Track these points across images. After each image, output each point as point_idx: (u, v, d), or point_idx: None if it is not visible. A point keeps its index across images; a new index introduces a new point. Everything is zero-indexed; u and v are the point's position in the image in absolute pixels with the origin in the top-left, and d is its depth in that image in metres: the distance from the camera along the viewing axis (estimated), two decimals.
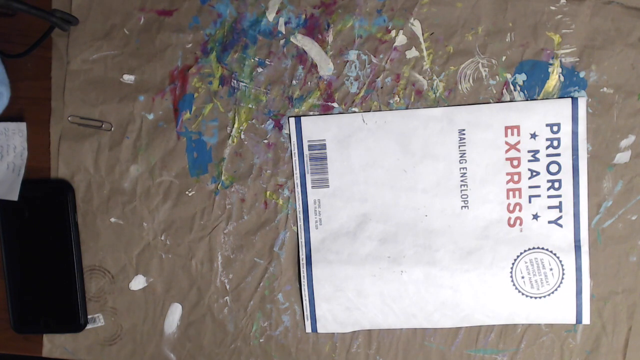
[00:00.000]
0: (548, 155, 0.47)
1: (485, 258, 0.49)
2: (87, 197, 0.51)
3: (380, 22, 0.48)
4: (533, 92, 0.47)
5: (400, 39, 0.48)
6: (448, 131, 0.48)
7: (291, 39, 0.48)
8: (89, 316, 0.52)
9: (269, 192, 0.50)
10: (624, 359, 0.49)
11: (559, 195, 0.48)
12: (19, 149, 0.51)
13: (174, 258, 0.51)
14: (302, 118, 0.49)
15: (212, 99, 0.50)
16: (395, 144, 0.49)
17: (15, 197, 0.50)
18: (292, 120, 0.49)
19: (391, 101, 0.48)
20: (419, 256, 0.49)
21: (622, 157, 0.47)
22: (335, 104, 0.49)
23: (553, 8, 0.46)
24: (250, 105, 0.49)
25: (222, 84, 0.49)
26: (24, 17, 0.50)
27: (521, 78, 0.47)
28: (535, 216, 0.48)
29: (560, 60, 0.47)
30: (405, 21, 0.47)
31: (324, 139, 0.49)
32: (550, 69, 0.47)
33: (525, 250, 0.49)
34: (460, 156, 0.48)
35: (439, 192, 0.49)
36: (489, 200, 0.48)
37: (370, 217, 0.50)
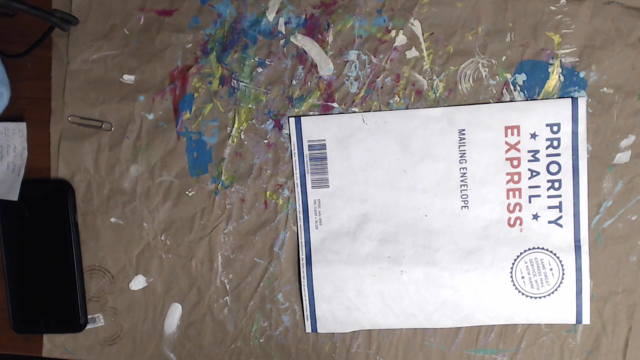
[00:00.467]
0: (548, 155, 0.47)
1: (485, 258, 0.49)
2: (87, 197, 0.51)
3: (380, 22, 0.48)
4: (533, 92, 0.47)
5: (400, 39, 0.48)
6: (448, 131, 0.48)
7: (291, 39, 0.48)
8: (89, 316, 0.52)
9: (269, 192, 0.50)
10: (624, 359, 0.49)
11: (559, 195, 0.48)
12: (19, 149, 0.51)
13: (174, 258, 0.51)
14: (302, 118, 0.49)
15: (212, 99, 0.50)
16: (395, 144, 0.49)
17: (15, 197, 0.50)
18: (292, 120, 0.49)
19: (391, 101, 0.48)
20: (419, 256, 0.49)
21: (622, 157, 0.47)
22: (335, 104, 0.49)
23: (553, 8, 0.46)
24: (250, 105, 0.49)
25: (222, 84, 0.49)
26: (24, 17, 0.50)
27: (521, 78, 0.47)
28: (535, 216, 0.48)
29: (560, 60, 0.47)
30: (405, 21, 0.47)
31: (324, 139, 0.49)
32: (550, 69, 0.47)
33: (525, 250, 0.49)
34: (460, 156, 0.48)
35: (439, 192, 0.49)
36: (489, 200, 0.48)
37: (370, 217, 0.50)
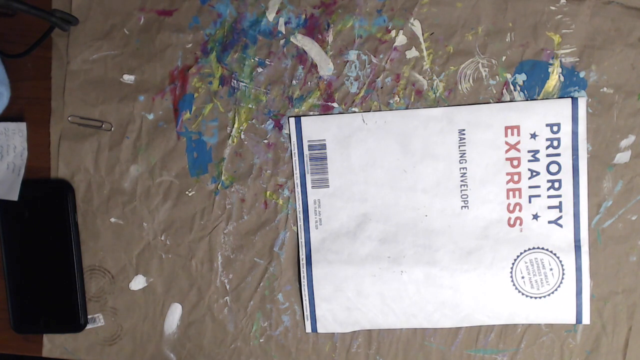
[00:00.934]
0: (548, 155, 0.47)
1: (485, 258, 0.49)
2: (87, 197, 0.51)
3: (380, 22, 0.48)
4: (533, 92, 0.47)
5: (400, 39, 0.48)
6: (448, 131, 0.48)
7: (291, 39, 0.48)
8: (89, 316, 0.52)
9: (269, 192, 0.50)
10: (624, 359, 0.49)
11: (559, 195, 0.48)
12: (19, 149, 0.51)
13: (174, 258, 0.51)
14: (302, 118, 0.49)
15: (212, 99, 0.50)
16: (395, 144, 0.49)
17: (15, 197, 0.50)
18: (292, 120, 0.49)
19: (391, 101, 0.48)
20: (419, 256, 0.49)
21: (622, 157, 0.47)
22: (335, 104, 0.49)
23: (553, 8, 0.46)
24: (250, 105, 0.49)
25: (222, 84, 0.49)
26: (24, 17, 0.50)
27: (521, 78, 0.47)
28: (535, 216, 0.48)
29: (560, 60, 0.47)
30: (405, 21, 0.47)
31: (324, 139, 0.49)
32: (550, 69, 0.47)
33: (525, 250, 0.49)
34: (460, 156, 0.48)
35: (439, 192, 0.49)
36: (489, 200, 0.48)
37: (370, 217, 0.50)
